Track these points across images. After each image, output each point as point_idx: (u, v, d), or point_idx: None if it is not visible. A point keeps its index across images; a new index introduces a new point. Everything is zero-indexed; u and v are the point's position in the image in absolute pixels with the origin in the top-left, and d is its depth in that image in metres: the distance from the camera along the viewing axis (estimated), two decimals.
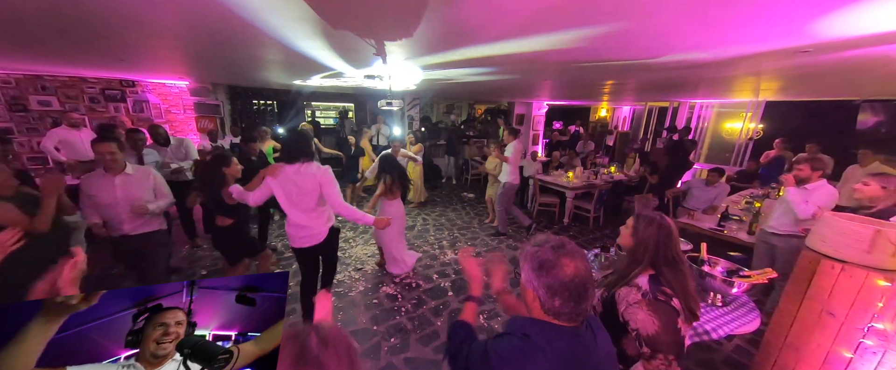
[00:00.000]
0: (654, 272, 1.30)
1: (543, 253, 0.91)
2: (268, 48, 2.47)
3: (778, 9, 1.36)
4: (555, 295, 0.88)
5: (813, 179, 2.71)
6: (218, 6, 1.48)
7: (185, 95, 5.86)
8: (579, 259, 0.90)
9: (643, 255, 1.33)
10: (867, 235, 1.57)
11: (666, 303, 1.21)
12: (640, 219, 1.38)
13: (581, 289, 0.87)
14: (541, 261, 0.91)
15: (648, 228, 1.33)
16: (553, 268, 0.88)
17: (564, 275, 0.87)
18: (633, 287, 1.28)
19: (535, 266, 0.92)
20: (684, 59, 2.44)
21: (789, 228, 2.77)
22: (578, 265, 0.89)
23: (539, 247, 0.94)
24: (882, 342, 1.57)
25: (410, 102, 8.34)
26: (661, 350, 1.16)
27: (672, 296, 1.23)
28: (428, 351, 2.63)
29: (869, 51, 2.03)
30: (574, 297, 0.87)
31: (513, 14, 1.51)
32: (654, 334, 1.17)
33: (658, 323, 1.17)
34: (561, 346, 0.88)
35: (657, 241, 1.31)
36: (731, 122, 7.44)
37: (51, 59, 3.30)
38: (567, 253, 0.90)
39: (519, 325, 0.95)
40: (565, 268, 0.88)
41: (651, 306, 1.21)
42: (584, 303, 0.89)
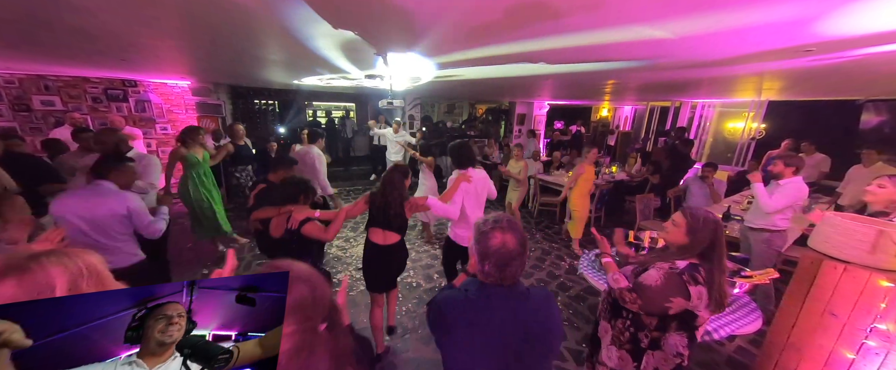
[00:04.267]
0: (697, 262, 1.37)
1: (484, 225, 1.10)
2: (272, 46, 2.48)
3: (778, 9, 1.36)
4: (483, 260, 1.07)
5: (786, 175, 2.78)
6: (219, 6, 1.49)
7: (186, 95, 5.87)
8: (509, 233, 1.06)
9: (695, 251, 1.38)
10: (870, 236, 1.56)
11: (680, 278, 1.32)
12: (696, 218, 1.39)
13: (505, 260, 1.04)
14: (480, 232, 1.09)
15: (706, 228, 1.37)
16: (485, 239, 1.06)
17: (490, 246, 1.05)
18: (668, 262, 1.40)
19: (476, 235, 1.11)
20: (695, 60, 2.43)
21: (760, 223, 2.89)
22: (506, 238, 1.05)
23: (485, 220, 1.12)
24: (884, 343, 1.56)
25: (411, 102, 8.34)
26: (641, 296, 1.36)
27: (699, 283, 1.31)
28: (428, 350, 2.63)
29: (870, 50, 2.02)
30: (497, 265, 1.05)
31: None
32: (649, 285, 1.35)
33: (661, 282, 1.33)
34: (495, 300, 1.07)
35: (713, 239, 1.36)
36: (733, 121, 7.40)
37: (53, 59, 3.32)
38: (500, 227, 1.07)
39: (469, 282, 1.16)
40: (493, 239, 1.05)
41: (667, 274, 1.34)
42: (506, 270, 1.05)
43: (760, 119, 6.39)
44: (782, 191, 2.74)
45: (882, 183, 2.16)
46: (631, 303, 1.39)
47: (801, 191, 2.73)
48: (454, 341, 1.08)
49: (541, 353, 1.12)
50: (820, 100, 6.13)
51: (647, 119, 9.17)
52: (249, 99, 7.47)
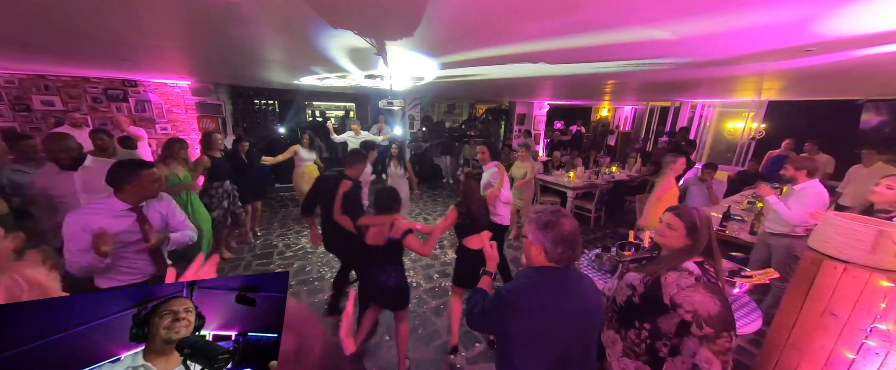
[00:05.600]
0: (701, 259, 1.37)
1: (545, 216, 1.21)
2: (272, 46, 2.47)
3: (779, 9, 1.36)
4: (557, 245, 1.17)
5: (799, 179, 2.68)
6: (220, 5, 1.49)
7: (186, 95, 5.87)
8: (570, 218, 1.22)
9: (698, 251, 1.38)
10: (870, 236, 1.56)
11: (717, 284, 1.30)
12: (692, 217, 1.40)
13: (575, 240, 1.19)
14: (545, 222, 1.19)
15: (705, 224, 1.38)
16: (556, 226, 1.18)
17: (564, 230, 1.17)
18: (684, 271, 1.33)
19: (541, 226, 1.20)
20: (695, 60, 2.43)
21: (781, 228, 2.77)
22: (572, 222, 1.21)
23: (540, 213, 1.23)
24: (885, 343, 1.56)
25: (411, 102, 8.34)
26: (725, 328, 1.20)
27: (716, 279, 1.33)
28: (429, 350, 2.63)
29: (870, 50, 2.02)
30: (571, 245, 1.18)
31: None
32: (718, 313, 1.21)
33: (720, 302, 1.23)
34: (556, 282, 1.20)
35: (710, 236, 1.38)
36: (733, 121, 7.40)
37: (53, 59, 3.32)
38: (563, 215, 1.22)
39: (526, 272, 1.26)
40: (565, 226, 1.18)
41: (709, 288, 1.27)
42: (576, 249, 1.20)
43: (760, 119, 6.39)
44: (800, 200, 2.59)
45: (890, 184, 2.19)
46: (728, 341, 1.21)
47: (820, 196, 2.55)
48: (528, 328, 1.16)
49: (595, 327, 1.26)
50: (820, 100, 6.13)
51: (647, 119, 9.17)
52: (249, 99, 7.48)
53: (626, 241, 2.52)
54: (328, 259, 4.09)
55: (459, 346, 2.63)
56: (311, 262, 4.03)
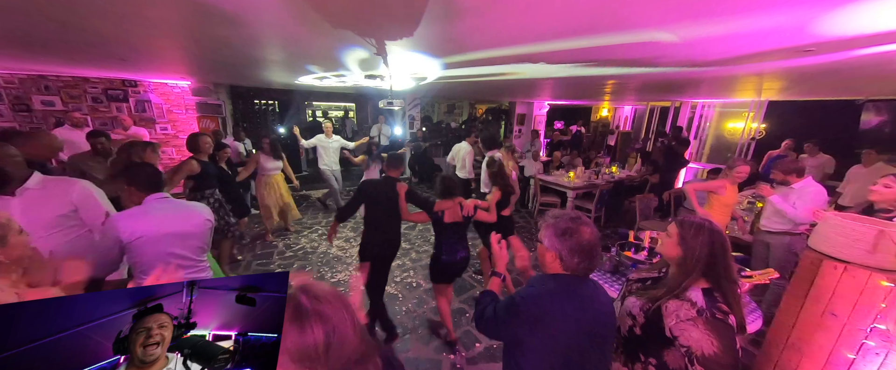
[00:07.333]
0: (708, 285, 1.18)
1: (563, 223, 1.13)
2: (272, 46, 2.47)
3: (779, 9, 1.36)
4: (575, 254, 1.11)
5: (792, 181, 2.70)
6: (220, 4, 1.49)
7: (187, 95, 5.87)
8: (591, 227, 1.14)
9: (694, 267, 1.19)
10: (870, 236, 1.56)
11: (724, 321, 1.10)
12: (686, 226, 1.22)
13: (593, 251, 1.12)
14: (563, 228, 1.12)
15: (698, 237, 1.18)
16: (575, 234, 1.11)
17: (583, 239, 1.11)
18: (686, 301, 1.16)
19: (558, 233, 1.13)
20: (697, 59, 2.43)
21: (780, 226, 2.79)
22: (592, 231, 1.13)
23: (558, 218, 1.16)
24: (885, 343, 1.56)
25: (411, 102, 8.34)
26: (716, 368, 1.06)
27: (729, 313, 1.12)
28: (428, 350, 2.63)
29: (870, 50, 2.02)
30: (589, 256, 1.12)
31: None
32: (712, 355, 1.06)
33: (718, 344, 1.07)
34: (576, 291, 1.13)
35: (711, 251, 1.17)
36: (733, 121, 7.40)
37: (53, 59, 3.32)
38: (584, 223, 1.14)
39: (540, 279, 1.19)
40: (584, 234, 1.11)
41: (709, 325, 1.09)
42: (594, 260, 1.13)
43: (760, 119, 6.39)
44: (803, 198, 2.61)
45: (888, 182, 2.18)
46: None
47: (821, 193, 2.61)
48: (545, 338, 1.10)
49: (611, 335, 1.20)
50: (820, 100, 6.13)
51: (647, 119, 9.18)
52: (249, 99, 7.48)
53: (626, 241, 2.52)
54: (328, 259, 4.09)
55: (458, 344, 2.66)
56: (311, 262, 4.03)
